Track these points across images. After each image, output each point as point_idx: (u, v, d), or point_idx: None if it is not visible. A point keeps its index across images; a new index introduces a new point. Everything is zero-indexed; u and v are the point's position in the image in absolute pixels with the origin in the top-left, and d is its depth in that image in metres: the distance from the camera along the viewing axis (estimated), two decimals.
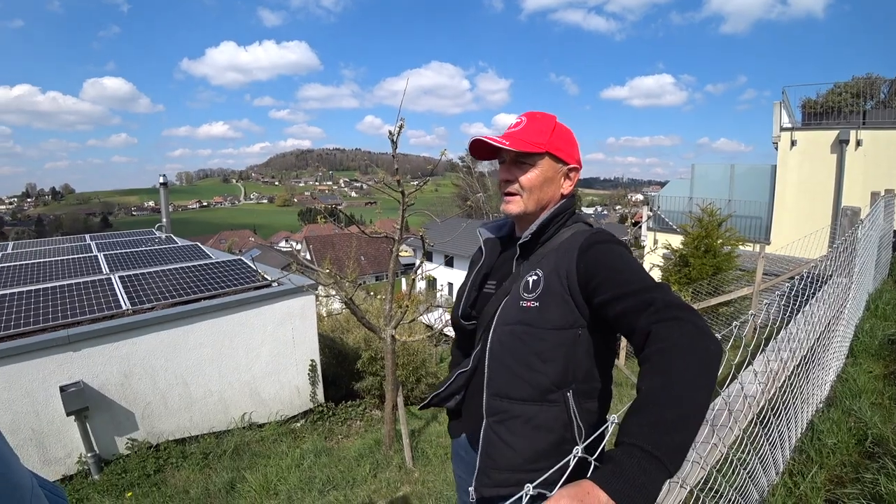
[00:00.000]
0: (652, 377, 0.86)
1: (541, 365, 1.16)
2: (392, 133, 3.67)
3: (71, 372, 4.33)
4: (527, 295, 1.20)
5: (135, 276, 5.72)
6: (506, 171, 1.27)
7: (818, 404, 2.73)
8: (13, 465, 0.70)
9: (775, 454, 2.00)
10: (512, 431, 1.18)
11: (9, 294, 5.00)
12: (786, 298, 1.81)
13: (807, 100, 12.00)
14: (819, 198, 10.98)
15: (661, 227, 13.88)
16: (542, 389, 1.16)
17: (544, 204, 1.28)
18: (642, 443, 0.77)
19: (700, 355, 0.86)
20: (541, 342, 1.16)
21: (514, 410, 1.19)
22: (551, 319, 1.15)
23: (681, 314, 0.92)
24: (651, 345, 0.90)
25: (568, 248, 1.19)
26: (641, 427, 0.79)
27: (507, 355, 1.20)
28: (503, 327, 1.22)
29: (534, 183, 1.24)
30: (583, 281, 1.12)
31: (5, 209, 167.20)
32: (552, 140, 1.25)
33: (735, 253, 8.27)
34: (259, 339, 5.54)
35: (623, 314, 1.01)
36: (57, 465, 4.33)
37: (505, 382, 1.20)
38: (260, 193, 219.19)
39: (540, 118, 1.28)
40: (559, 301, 1.15)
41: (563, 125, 1.29)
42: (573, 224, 1.28)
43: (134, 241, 9.34)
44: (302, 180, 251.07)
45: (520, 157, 1.25)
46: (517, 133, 1.25)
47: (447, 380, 1.41)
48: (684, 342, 0.87)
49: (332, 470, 4.28)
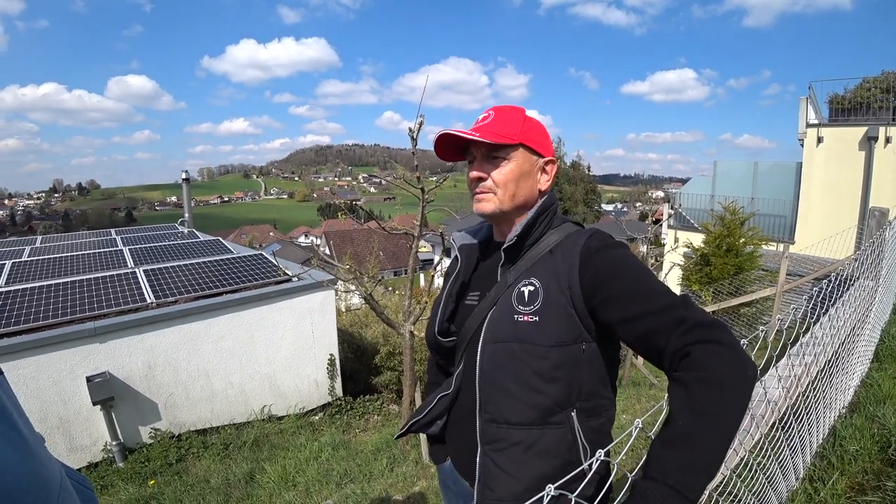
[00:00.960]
0: (693, 415, 0.83)
1: (543, 385, 1.05)
2: (412, 130, 3.68)
3: (97, 363, 4.45)
4: (523, 308, 1.08)
5: (158, 269, 5.83)
6: (477, 168, 1.15)
7: (841, 409, 2.68)
8: (44, 460, 0.72)
9: (796, 459, 1.98)
10: (512, 459, 1.08)
11: (38, 287, 5.15)
12: (813, 302, 1.78)
13: (834, 95, 11.68)
14: (846, 197, 10.69)
15: (682, 225, 13.68)
16: (543, 411, 1.06)
17: (521, 202, 1.16)
18: (675, 483, 0.78)
19: (741, 391, 0.83)
20: (541, 360, 1.04)
21: (513, 437, 1.07)
22: (553, 335, 1.04)
23: (717, 336, 0.87)
24: (689, 370, 0.85)
25: (566, 254, 1.08)
26: (675, 469, 0.80)
27: (502, 376, 1.08)
28: (494, 344, 1.09)
29: (509, 178, 1.13)
30: (588, 292, 1.03)
31: (33, 204, 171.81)
32: (524, 131, 1.14)
33: (758, 252, 8.11)
34: (279, 333, 5.62)
35: (648, 334, 0.94)
36: (83, 453, 4.45)
37: (502, 406, 1.08)
38: (280, 189, 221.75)
39: (508, 111, 1.18)
40: (561, 314, 1.04)
41: (533, 117, 1.18)
42: (560, 224, 1.18)
43: (157, 235, 9.53)
44: (321, 176, 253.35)
45: (492, 152, 1.14)
46: (487, 126, 1.14)
47: (427, 404, 1.27)
48: (726, 376, 0.83)
49: (350, 463, 4.33)
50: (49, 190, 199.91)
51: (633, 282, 0.99)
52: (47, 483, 0.71)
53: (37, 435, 0.78)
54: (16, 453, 0.65)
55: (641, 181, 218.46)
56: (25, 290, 5.03)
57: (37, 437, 0.78)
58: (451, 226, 19.74)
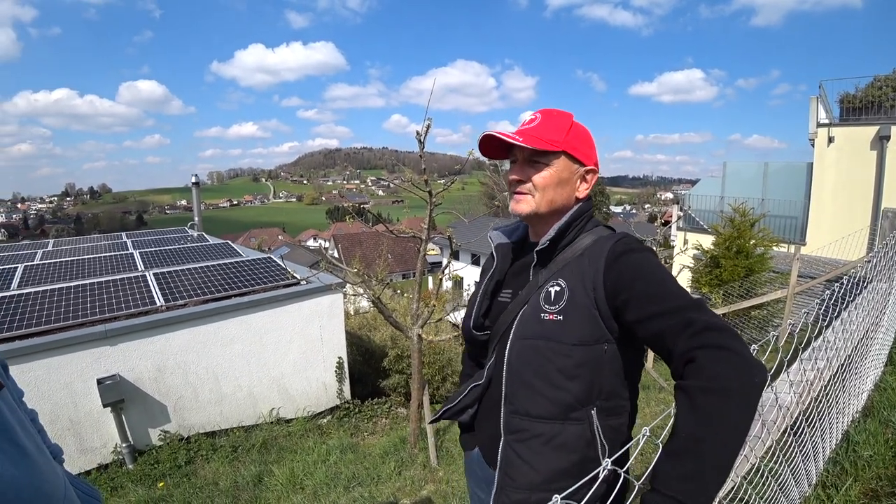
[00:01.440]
0: (696, 423, 0.83)
1: (564, 382, 1.08)
2: (419, 132, 3.69)
3: (107, 365, 4.49)
4: (549, 307, 1.12)
5: (168, 273, 5.88)
6: (518, 171, 1.18)
7: (854, 414, 2.65)
8: (46, 474, 0.73)
9: (808, 465, 1.95)
10: (532, 450, 1.12)
11: (49, 290, 5.20)
12: (825, 305, 1.76)
13: (845, 94, 11.54)
14: (858, 197, 10.56)
15: (692, 227, 13.58)
16: (564, 407, 1.09)
17: (557, 206, 1.19)
18: (679, 496, 0.79)
19: (749, 399, 0.82)
20: (565, 358, 1.08)
21: (534, 429, 1.12)
22: (576, 334, 1.07)
23: (724, 341, 0.86)
24: (694, 377, 0.85)
25: (593, 257, 1.11)
26: (680, 479, 0.81)
27: (527, 371, 1.12)
28: (522, 341, 1.14)
29: (548, 182, 1.15)
30: (611, 294, 1.05)
31: (46, 208, 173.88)
32: (569, 139, 1.16)
33: (768, 254, 8.04)
34: (288, 336, 5.64)
35: (659, 335, 0.95)
36: (93, 455, 4.49)
37: (525, 399, 1.13)
38: (288, 192, 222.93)
39: (556, 115, 1.19)
40: (585, 315, 1.07)
41: (580, 124, 1.20)
42: (593, 229, 1.20)
43: (167, 238, 9.60)
44: (330, 179, 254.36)
45: (534, 156, 1.16)
46: (532, 130, 1.16)
47: (459, 392, 1.33)
48: (732, 382, 0.82)
49: (358, 466, 4.33)
50: (61, 194, 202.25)
51: (651, 284, 1.01)
52: (49, 497, 0.72)
53: (42, 447, 0.78)
54: (16, 468, 0.65)
55: (650, 183, 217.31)
56: (37, 294, 5.08)
57: (42, 449, 0.78)
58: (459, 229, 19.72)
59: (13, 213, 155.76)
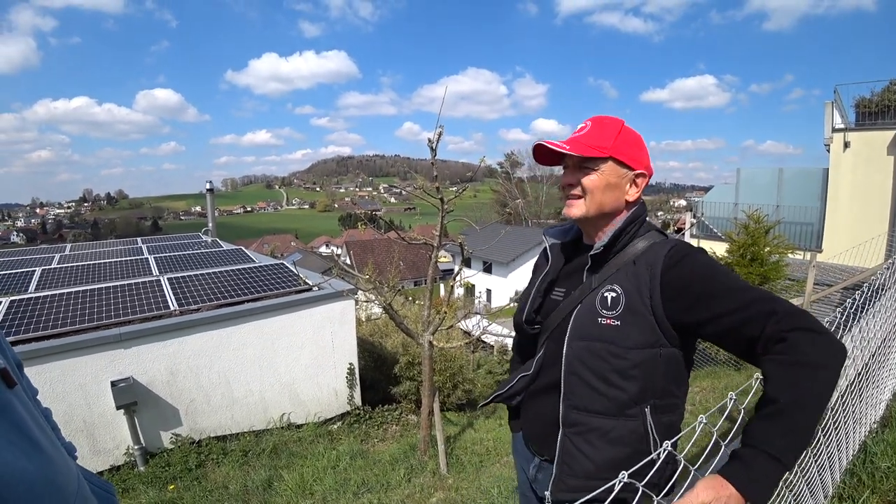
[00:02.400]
0: (787, 390, 0.93)
1: (621, 382, 1.16)
2: (431, 140, 3.70)
3: (121, 368, 4.54)
4: (606, 312, 1.18)
5: (182, 278, 5.94)
6: (569, 176, 1.26)
7: (872, 425, 2.59)
8: (60, 468, 0.74)
9: (823, 476, 1.91)
10: (589, 443, 1.20)
11: (66, 293, 5.28)
12: (845, 315, 1.73)
13: (861, 98, 11.39)
14: (875, 203, 10.38)
15: (705, 235, 13.44)
16: (620, 404, 1.17)
17: (607, 210, 1.24)
18: (771, 450, 0.91)
19: (834, 373, 0.94)
20: (621, 360, 1.15)
21: (592, 423, 1.20)
22: (633, 338, 1.14)
23: (810, 324, 0.96)
24: (788, 353, 0.95)
25: (649, 263, 1.17)
26: (772, 436, 0.92)
27: (585, 370, 1.19)
28: (579, 342, 1.20)
29: (596, 186, 1.22)
30: (671, 298, 1.11)
31: (64, 213, 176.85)
32: (617, 144, 1.21)
33: (783, 261, 7.93)
34: (299, 342, 5.66)
35: (741, 326, 1.02)
36: (106, 456, 4.53)
37: (584, 396, 1.20)
38: (301, 199, 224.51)
39: (607, 122, 1.25)
40: (641, 320, 1.14)
41: (630, 129, 1.26)
42: (646, 234, 1.25)
43: (182, 244, 9.71)
44: (342, 186, 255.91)
45: (583, 162, 1.23)
46: (581, 137, 1.23)
47: (508, 381, 1.42)
48: (823, 360, 0.93)
49: (367, 473, 4.32)
50: (79, 199, 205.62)
51: (717, 282, 1.09)
52: (62, 490, 0.73)
53: (55, 442, 0.80)
54: (30, 462, 0.67)
55: (663, 190, 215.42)
56: (54, 297, 5.16)
57: (56, 444, 0.79)
58: (471, 236, 19.71)
59: (32, 218, 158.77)
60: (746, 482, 0.90)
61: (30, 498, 0.64)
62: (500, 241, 17.34)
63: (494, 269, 29.84)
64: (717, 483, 0.90)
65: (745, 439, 0.95)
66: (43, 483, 0.68)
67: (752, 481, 0.90)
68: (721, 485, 0.90)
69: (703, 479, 0.91)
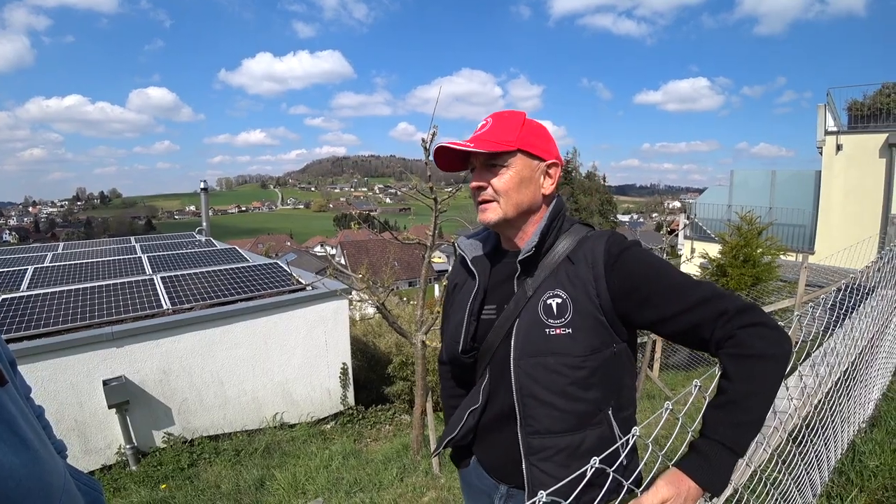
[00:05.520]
0: (738, 382, 0.95)
1: (582, 393, 1.08)
2: (425, 140, 3.70)
3: (113, 367, 4.52)
4: (553, 321, 1.08)
5: (175, 277, 5.92)
6: (477, 177, 1.15)
7: (860, 424, 2.61)
8: (47, 465, 0.75)
9: (812, 475, 1.92)
10: (559, 464, 1.11)
11: (58, 291, 5.25)
12: (821, 310, 1.74)
13: (853, 101, 11.46)
14: (867, 205, 10.46)
15: (699, 236, 13.50)
16: (584, 416, 1.10)
17: (525, 208, 1.15)
18: (727, 440, 0.93)
19: (781, 362, 0.96)
20: (579, 370, 1.07)
21: (558, 444, 1.10)
22: (588, 343, 1.07)
23: (757, 318, 0.98)
24: (735, 347, 0.97)
25: (588, 260, 1.09)
26: (725, 427, 0.94)
27: (541, 390, 1.09)
28: (529, 360, 1.10)
29: (509, 185, 1.12)
30: (619, 296, 1.06)
31: (57, 212, 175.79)
32: (523, 136, 1.12)
33: (776, 263, 7.98)
34: (292, 342, 5.65)
35: (692, 329, 1.02)
36: (97, 455, 4.51)
37: (543, 418, 1.10)
38: (296, 199, 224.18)
39: (507, 116, 1.16)
40: (593, 323, 1.07)
41: (534, 120, 1.17)
42: (570, 228, 1.17)
43: (175, 243, 9.68)
44: (338, 186, 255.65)
45: (490, 160, 1.13)
46: (483, 135, 1.13)
47: (458, 419, 1.26)
48: (768, 350, 0.95)
49: (360, 472, 4.31)
50: (72, 198, 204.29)
51: (660, 281, 1.05)
52: (49, 486, 0.74)
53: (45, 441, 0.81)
54: (17, 457, 0.68)
55: (657, 191, 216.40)
56: (46, 295, 5.13)
57: (45, 442, 0.80)
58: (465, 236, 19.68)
59: (25, 217, 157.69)
60: (703, 473, 0.92)
61: (18, 493, 0.65)
62: None
63: None
64: (676, 477, 0.92)
65: (701, 430, 0.97)
66: (30, 479, 0.69)
67: (708, 472, 0.92)
68: (679, 479, 0.91)
69: (662, 476, 0.93)
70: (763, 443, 1.34)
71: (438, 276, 22.83)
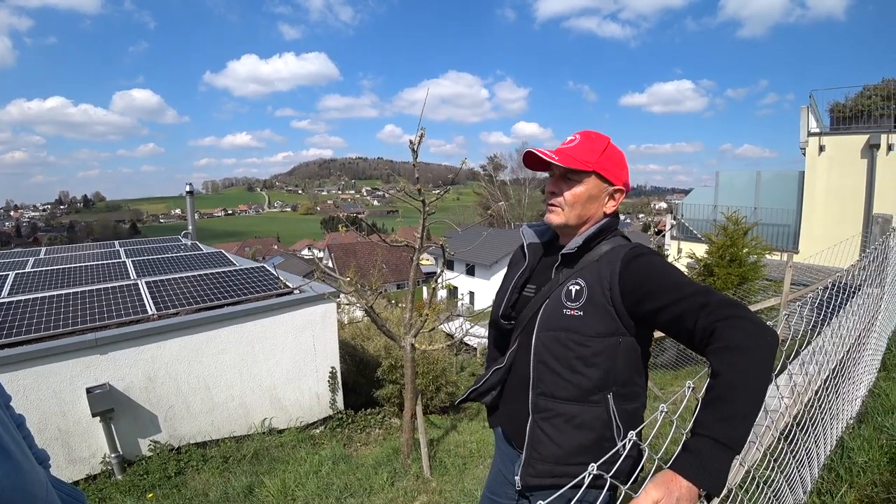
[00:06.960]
0: (722, 375, 0.98)
1: (584, 368, 1.25)
2: (412, 142, 3.69)
3: (97, 374, 4.43)
4: (570, 303, 1.28)
5: (161, 281, 5.83)
6: (553, 184, 1.34)
7: (848, 420, 2.64)
8: (28, 475, 0.74)
9: (803, 472, 1.93)
10: (556, 428, 1.29)
11: (40, 297, 5.15)
12: (808, 308, 1.75)
13: (835, 103, 11.69)
14: (849, 205, 10.66)
15: (685, 236, 13.64)
16: (584, 391, 1.26)
17: (585, 219, 1.34)
18: (716, 435, 0.94)
19: (763, 353, 0.98)
20: (584, 348, 1.24)
21: (558, 409, 1.29)
22: (595, 327, 1.24)
23: (737, 312, 1.03)
24: (716, 342, 1.02)
25: (610, 261, 1.26)
26: (714, 421, 0.95)
27: (551, 358, 1.29)
28: (546, 332, 1.30)
29: (577, 199, 1.31)
30: (627, 291, 1.20)
31: (39, 216, 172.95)
32: (601, 160, 1.30)
33: (761, 262, 8.08)
34: (280, 346, 5.60)
35: (679, 317, 1.10)
36: (81, 465, 4.42)
37: (550, 383, 1.29)
38: (283, 202, 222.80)
39: (594, 138, 1.33)
40: (602, 311, 1.24)
41: (615, 147, 1.34)
42: (612, 238, 1.34)
43: (160, 247, 9.55)
44: (325, 189, 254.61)
45: (568, 173, 1.31)
46: (569, 150, 1.30)
47: (483, 376, 1.49)
48: (748, 341, 0.98)
49: (350, 477, 4.28)
50: (55, 202, 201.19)
51: (663, 278, 1.17)
52: (31, 497, 0.73)
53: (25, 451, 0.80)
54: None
55: (644, 192, 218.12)
56: (28, 301, 5.02)
57: (25, 452, 0.79)
58: (453, 238, 19.73)
59: (6, 221, 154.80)
60: (696, 471, 0.92)
61: None
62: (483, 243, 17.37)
63: (477, 272, 29.94)
64: (668, 478, 0.92)
65: (693, 428, 0.98)
66: (12, 490, 0.68)
67: (702, 470, 0.92)
68: (671, 479, 0.91)
69: (654, 477, 0.93)
70: (756, 442, 1.35)
71: (426, 279, 22.82)
